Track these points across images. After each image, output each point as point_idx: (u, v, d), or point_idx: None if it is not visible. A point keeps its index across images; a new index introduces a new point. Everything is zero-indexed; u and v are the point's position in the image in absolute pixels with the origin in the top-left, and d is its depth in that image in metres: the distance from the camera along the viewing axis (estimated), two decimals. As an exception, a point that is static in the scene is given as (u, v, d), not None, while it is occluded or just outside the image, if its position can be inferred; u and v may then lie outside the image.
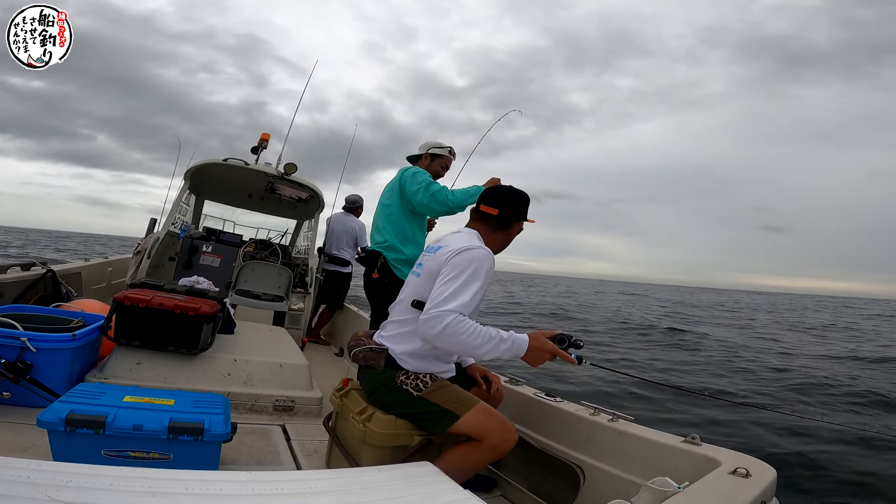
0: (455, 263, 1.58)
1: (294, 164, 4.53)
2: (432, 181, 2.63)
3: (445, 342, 1.52)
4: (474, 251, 1.62)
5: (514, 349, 1.54)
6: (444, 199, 2.56)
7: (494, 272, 1.68)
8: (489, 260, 1.63)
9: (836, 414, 5.59)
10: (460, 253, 1.61)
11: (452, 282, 1.55)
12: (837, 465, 4.21)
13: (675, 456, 1.52)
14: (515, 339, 1.55)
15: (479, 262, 1.59)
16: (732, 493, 1.16)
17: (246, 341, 2.69)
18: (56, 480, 0.84)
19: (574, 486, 1.78)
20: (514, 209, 1.81)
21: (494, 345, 1.52)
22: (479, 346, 1.51)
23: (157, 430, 1.46)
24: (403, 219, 2.72)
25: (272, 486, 1.00)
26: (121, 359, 2.21)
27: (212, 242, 4.73)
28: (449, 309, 1.49)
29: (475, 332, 1.50)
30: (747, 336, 13.41)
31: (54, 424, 1.39)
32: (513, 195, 1.83)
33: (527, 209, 1.84)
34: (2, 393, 1.85)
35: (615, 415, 1.79)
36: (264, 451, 1.96)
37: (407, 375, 1.66)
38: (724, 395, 5.76)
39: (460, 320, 1.49)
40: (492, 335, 1.52)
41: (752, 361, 8.70)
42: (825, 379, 7.22)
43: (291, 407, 2.39)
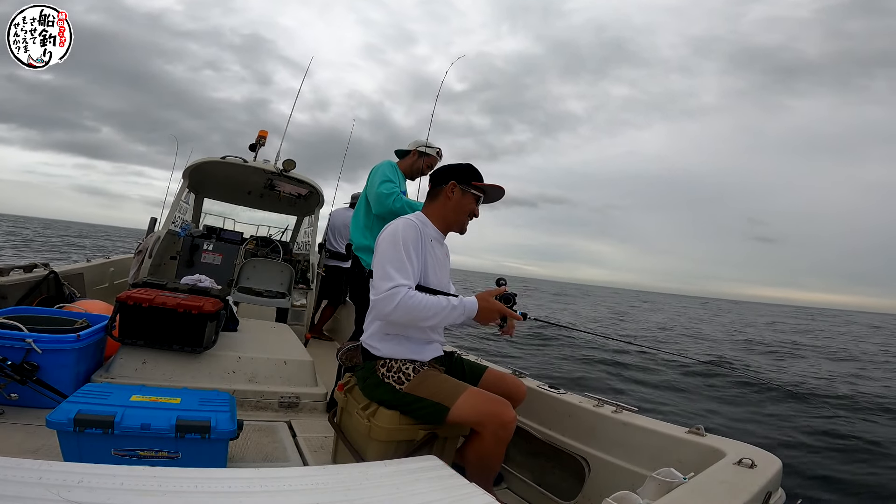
0: (381, 242, 1.67)
1: (293, 161, 4.52)
2: (387, 181, 2.65)
3: (401, 317, 1.56)
4: (390, 226, 1.70)
5: (467, 312, 1.61)
6: (391, 203, 2.59)
7: (426, 239, 1.72)
8: (402, 227, 1.68)
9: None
10: (382, 232, 1.71)
11: (384, 258, 1.62)
12: (839, 461, 4.30)
13: (679, 447, 1.52)
14: (465, 303, 1.61)
15: (394, 232, 1.66)
16: (738, 483, 1.16)
17: (249, 339, 2.70)
18: (67, 481, 0.84)
19: (579, 478, 1.79)
20: (438, 177, 1.86)
21: (448, 312, 1.58)
22: (433, 316, 1.56)
23: (164, 429, 1.46)
24: (366, 211, 2.77)
25: (280, 482, 1.01)
26: (126, 358, 2.22)
27: (213, 240, 4.73)
28: (394, 286, 1.55)
29: (427, 304, 1.56)
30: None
31: (63, 425, 1.40)
32: (439, 167, 1.92)
33: (457, 174, 1.81)
34: (9, 395, 1.86)
35: (619, 406, 1.80)
36: (271, 448, 1.97)
37: (387, 367, 1.66)
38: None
39: (411, 295, 1.55)
40: (443, 304, 1.58)
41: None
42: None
43: (296, 403, 2.40)
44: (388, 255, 1.62)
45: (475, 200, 1.82)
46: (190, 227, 4.97)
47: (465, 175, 1.80)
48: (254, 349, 2.54)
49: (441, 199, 1.81)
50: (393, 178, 2.66)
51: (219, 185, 5.40)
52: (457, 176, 1.80)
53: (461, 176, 1.80)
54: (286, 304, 4.06)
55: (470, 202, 1.81)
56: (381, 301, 1.55)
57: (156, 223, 4.69)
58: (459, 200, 1.80)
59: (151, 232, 4.60)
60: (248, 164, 4.50)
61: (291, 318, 4.23)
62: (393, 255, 1.61)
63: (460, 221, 1.83)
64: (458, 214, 1.82)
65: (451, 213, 1.81)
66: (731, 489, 1.13)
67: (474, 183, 1.80)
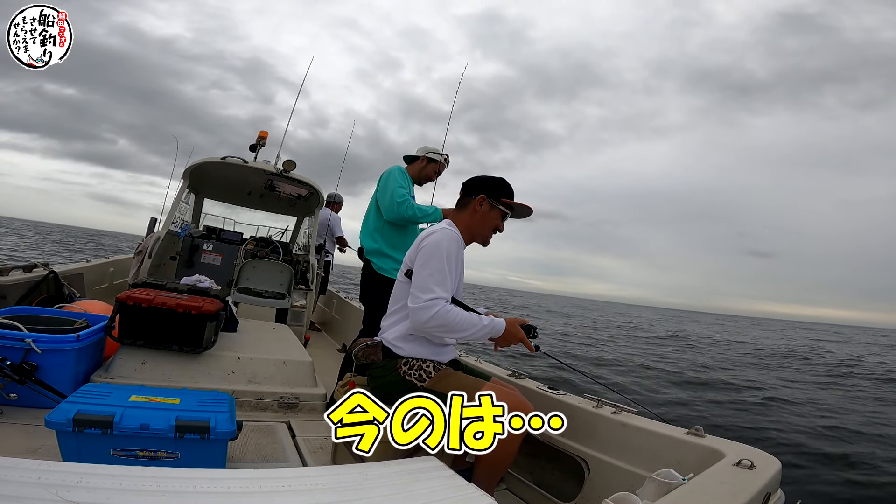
0: (425, 251, 1.70)
1: (293, 161, 4.52)
2: (399, 188, 2.69)
3: (435, 328, 1.64)
4: (432, 236, 1.73)
5: (493, 333, 1.69)
6: (403, 211, 2.65)
7: (462, 251, 1.80)
8: (447, 238, 1.71)
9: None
10: (423, 240, 1.74)
11: (425, 268, 1.66)
12: (840, 458, 4.24)
13: (679, 448, 1.52)
14: (495, 325, 1.69)
15: (439, 244, 1.69)
16: (737, 484, 1.16)
17: (249, 339, 2.70)
18: (66, 481, 0.84)
19: (579, 479, 1.79)
20: (470, 187, 1.87)
21: (477, 330, 1.66)
22: (465, 330, 1.65)
23: (163, 429, 1.46)
24: (375, 215, 2.81)
25: (279, 482, 1.01)
26: (125, 359, 2.22)
27: (212, 241, 4.73)
28: (434, 297, 1.61)
29: (461, 320, 1.64)
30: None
31: (62, 425, 1.39)
32: (473, 178, 1.91)
33: (488, 187, 1.84)
34: (8, 395, 1.85)
35: (618, 407, 1.80)
36: (270, 448, 1.97)
37: (409, 365, 1.69)
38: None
39: (447, 309, 1.62)
40: (475, 322, 1.66)
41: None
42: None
43: (296, 404, 2.40)
44: (431, 265, 1.66)
45: (501, 216, 1.85)
46: (190, 227, 4.97)
47: (496, 190, 1.83)
48: (253, 350, 2.54)
49: (469, 211, 1.83)
50: (404, 184, 2.72)
51: (219, 186, 5.40)
52: (487, 189, 1.82)
53: (492, 190, 1.83)
54: (286, 304, 4.06)
55: (496, 217, 1.84)
56: (419, 310, 1.62)
57: (156, 223, 4.69)
58: (486, 214, 1.83)
59: (151, 232, 4.60)
60: (249, 164, 4.50)
61: (291, 319, 4.23)
62: (436, 266, 1.65)
63: (484, 234, 1.87)
64: (484, 228, 1.85)
65: (477, 225, 1.84)
66: (730, 490, 1.13)
67: (503, 199, 1.83)
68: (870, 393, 9.43)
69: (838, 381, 10.65)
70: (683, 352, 15.22)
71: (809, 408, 7.36)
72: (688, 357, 13.54)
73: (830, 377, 11.44)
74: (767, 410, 6.97)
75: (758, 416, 6.51)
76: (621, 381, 8.32)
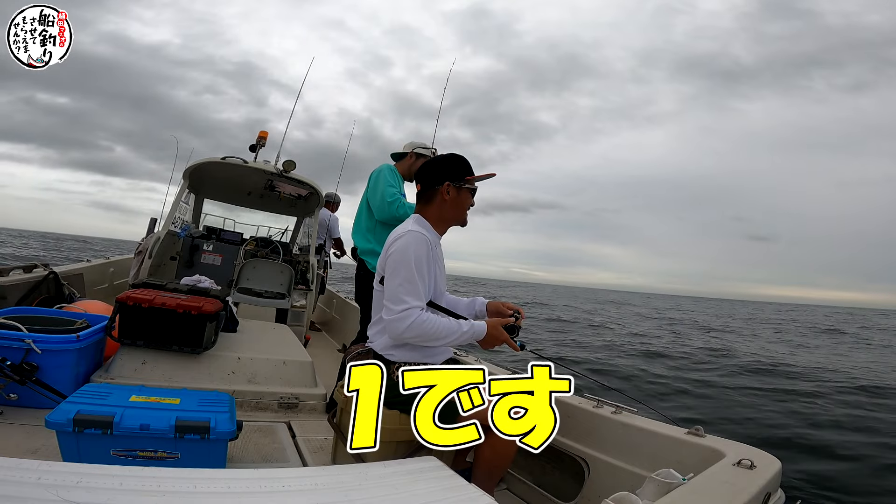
0: (392, 259, 1.65)
1: (293, 161, 4.52)
2: (389, 187, 2.65)
3: (413, 338, 1.61)
4: (398, 241, 1.67)
5: (475, 337, 1.66)
6: (394, 210, 2.60)
7: (435, 249, 1.74)
8: (413, 243, 1.65)
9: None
10: (389, 246, 1.69)
11: (394, 278, 1.62)
12: (841, 456, 4.21)
13: (679, 448, 1.52)
14: (475, 329, 1.66)
15: (405, 250, 1.64)
16: (737, 484, 1.16)
17: (249, 339, 2.70)
18: (67, 481, 0.84)
19: (579, 479, 1.79)
20: (429, 177, 1.80)
21: (457, 336, 1.63)
22: (444, 338, 1.62)
23: (164, 430, 1.46)
24: (367, 215, 2.76)
25: (279, 483, 1.01)
26: (126, 359, 2.22)
27: (213, 241, 4.73)
28: (407, 308, 1.57)
29: (438, 327, 1.60)
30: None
31: (62, 425, 1.39)
32: (427, 163, 1.85)
33: (449, 173, 1.78)
34: (9, 395, 1.86)
35: (618, 407, 1.80)
36: (270, 449, 1.97)
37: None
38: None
39: (423, 318, 1.58)
40: (453, 328, 1.62)
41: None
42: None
43: (296, 404, 2.40)
44: (399, 275, 1.61)
45: (471, 193, 1.81)
46: (190, 227, 4.96)
47: (457, 172, 1.78)
48: (253, 350, 2.54)
49: (437, 202, 1.78)
50: (394, 182, 2.68)
51: (219, 186, 5.39)
52: (450, 175, 1.78)
53: (454, 174, 1.78)
54: (286, 304, 4.06)
55: (467, 197, 1.80)
56: (393, 322, 1.59)
57: (155, 224, 4.69)
58: (456, 199, 1.78)
59: (151, 232, 4.60)
60: (248, 164, 4.50)
61: (291, 319, 4.23)
62: (405, 275, 1.61)
63: (460, 218, 1.83)
64: (458, 213, 1.81)
65: (450, 212, 1.80)
66: (730, 490, 1.13)
67: (467, 178, 1.79)
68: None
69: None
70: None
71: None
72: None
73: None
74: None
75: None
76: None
